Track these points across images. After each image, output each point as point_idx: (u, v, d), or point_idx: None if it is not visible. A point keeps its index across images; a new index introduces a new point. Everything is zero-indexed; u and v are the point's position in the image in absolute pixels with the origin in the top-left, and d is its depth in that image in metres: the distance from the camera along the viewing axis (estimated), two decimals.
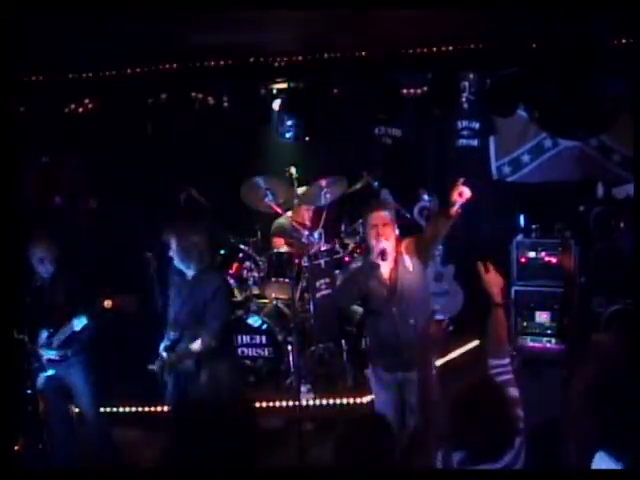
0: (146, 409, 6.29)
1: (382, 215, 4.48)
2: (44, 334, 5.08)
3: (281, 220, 6.95)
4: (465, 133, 7.39)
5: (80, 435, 5.34)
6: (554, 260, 6.67)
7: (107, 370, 5.58)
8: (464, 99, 6.72)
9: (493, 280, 3.50)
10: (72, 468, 5.06)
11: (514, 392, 3.10)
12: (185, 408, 3.34)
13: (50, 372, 5.10)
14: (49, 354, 5.05)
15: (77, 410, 5.40)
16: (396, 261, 4.49)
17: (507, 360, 3.24)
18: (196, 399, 4.46)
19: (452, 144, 7.48)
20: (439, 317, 7.28)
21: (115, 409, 6.19)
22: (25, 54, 5.20)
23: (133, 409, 6.31)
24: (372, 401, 4.90)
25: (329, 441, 2.84)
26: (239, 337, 6.45)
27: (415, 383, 4.45)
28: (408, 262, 4.48)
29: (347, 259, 6.70)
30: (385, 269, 4.49)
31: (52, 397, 5.16)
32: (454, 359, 6.77)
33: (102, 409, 5.46)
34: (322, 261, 6.52)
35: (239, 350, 6.45)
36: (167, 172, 7.03)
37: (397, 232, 4.54)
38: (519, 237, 6.85)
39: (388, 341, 4.49)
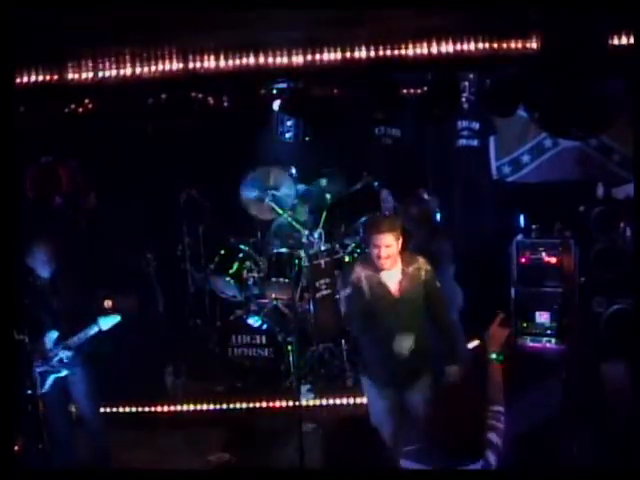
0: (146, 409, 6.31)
1: (388, 237, 4.26)
2: (53, 335, 5.04)
3: (281, 220, 6.95)
4: (465, 133, 7.38)
5: (77, 435, 5.34)
6: (554, 260, 6.67)
7: (107, 370, 5.57)
8: (464, 99, 6.71)
9: (496, 333, 3.40)
10: (72, 468, 5.06)
11: (494, 438, 2.96)
12: None
13: (64, 373, 5.06)
14: (66, 354, 5.02)
15: (74, 410, 5.39)
16: (403, 275, 4.40)
17: (499, 408, 3.10)
18: None
19: (452, 144, 7.47)
20: None
21: (115, 409, 6.19)
22: (25, 54, 5.20)
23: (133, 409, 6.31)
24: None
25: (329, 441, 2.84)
26: (239, 337, 6.46)
27: (417, 391, 4.43)
28: (415, 280, 4.40)
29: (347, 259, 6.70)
30: (391, 283, 4.39)
31: (51, 397, 5.10)
32: None
33: (102, 410, 5.47)
34: (322, 261, 6.53)
35: (239, 350, 6.45)
36: (167, 172, 7.03)
37: (403, 244, 4.42)
38: (519, 237, 6.85)
39: (389, 356, 4.37)
